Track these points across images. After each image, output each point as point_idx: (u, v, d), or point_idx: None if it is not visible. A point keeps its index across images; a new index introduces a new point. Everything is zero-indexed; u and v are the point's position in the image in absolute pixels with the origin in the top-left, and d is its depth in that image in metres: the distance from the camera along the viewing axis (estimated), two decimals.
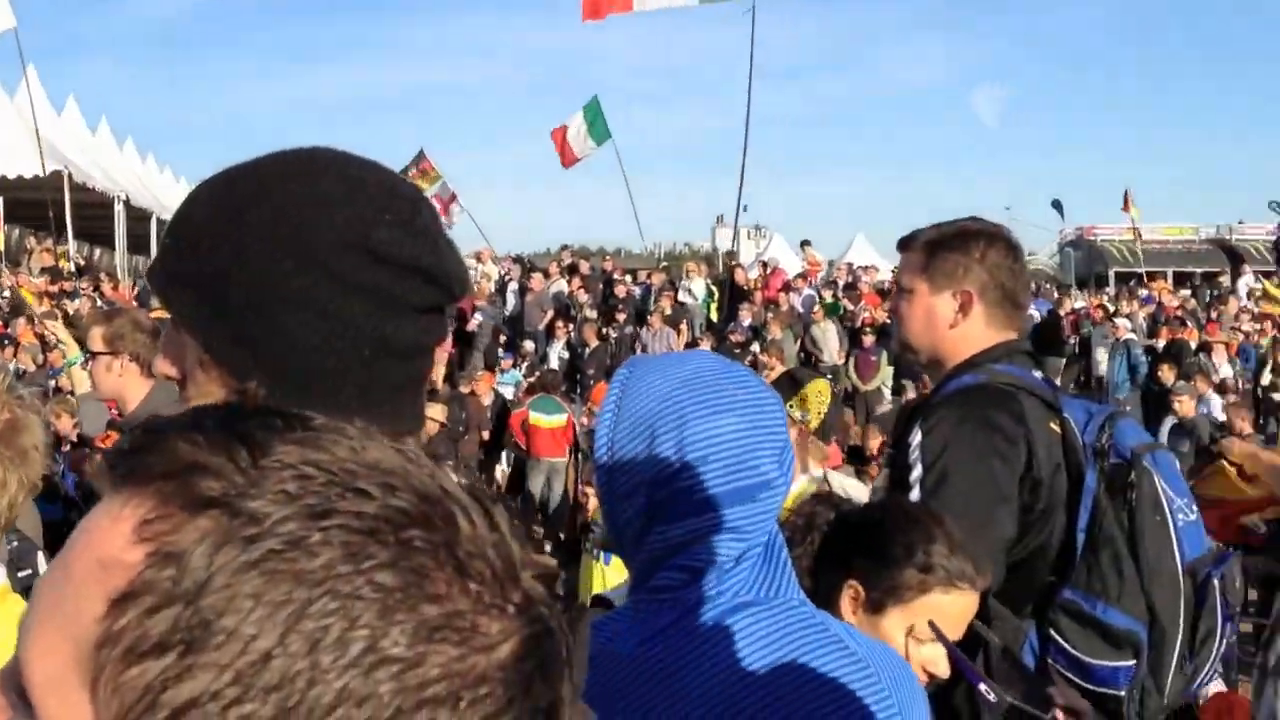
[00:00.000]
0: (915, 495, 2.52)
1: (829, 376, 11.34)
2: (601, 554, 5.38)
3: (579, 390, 16.79)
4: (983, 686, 1.91)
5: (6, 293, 19.17)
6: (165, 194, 28.49)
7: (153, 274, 1.21)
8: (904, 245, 2.87)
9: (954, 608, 1.98)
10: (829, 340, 19.02)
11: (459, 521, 0.61)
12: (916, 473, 2.55)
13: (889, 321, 18.88)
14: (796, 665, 1.52)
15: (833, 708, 1.50)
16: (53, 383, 11.96)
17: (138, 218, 26.51)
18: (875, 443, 9.26)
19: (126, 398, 4.50)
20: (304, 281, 1.12)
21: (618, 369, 1.69)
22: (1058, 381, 16.26)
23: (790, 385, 4.05)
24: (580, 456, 12.24)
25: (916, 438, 2.60)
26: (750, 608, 1.55)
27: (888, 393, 17.85)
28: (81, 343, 5.34)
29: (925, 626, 1.94)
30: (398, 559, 0.58)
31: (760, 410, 1.56)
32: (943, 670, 1.91)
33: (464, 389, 14.43)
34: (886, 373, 17.91)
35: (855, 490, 4.14)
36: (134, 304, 15.49)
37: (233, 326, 1.13)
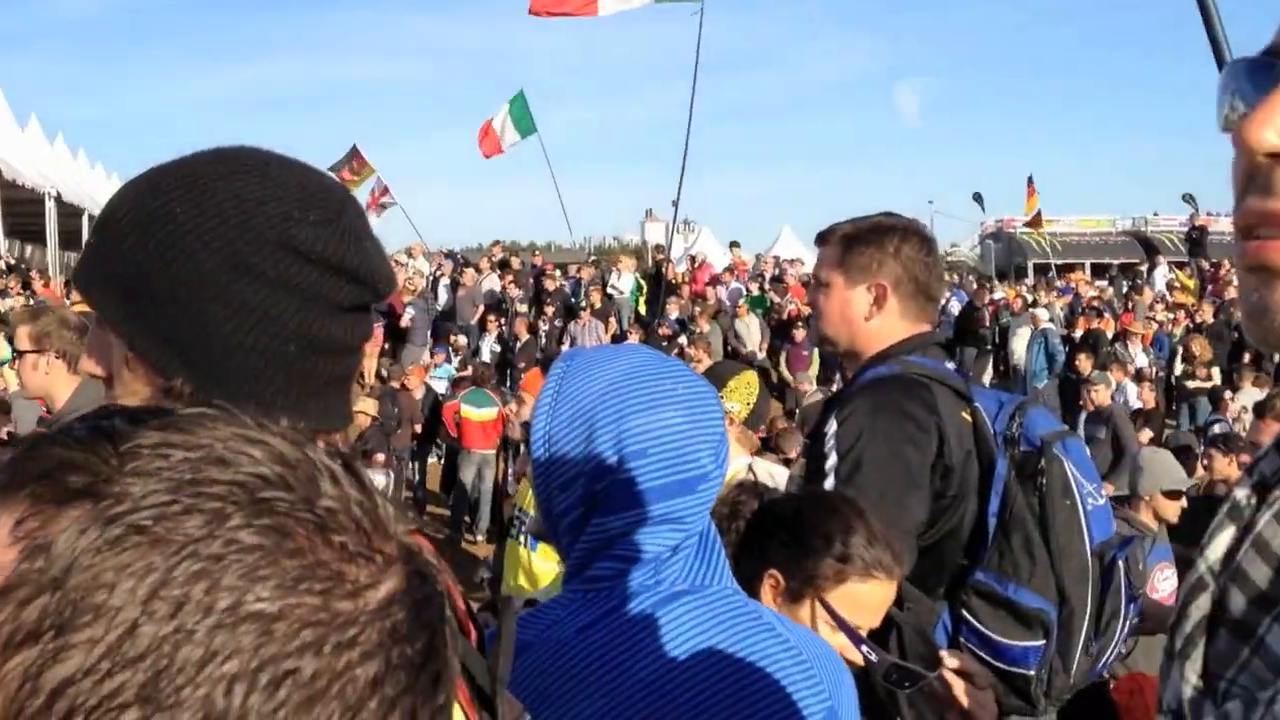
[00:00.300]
0: (830, 483, 2.57)
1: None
2: (527, 541, 5.40)
3: (510, 383, 16.80)
4: (864, 648, 1.96)
5: None
6: (97, 190, 27.78)
7: (78, 273, 1.21)
8: (821, 240, 2.92)
9: (871, 597, 2.00)
10: (751, 334, 19.20)
11: (321, 483, 0.64)
12: (831, 461, 2.60)
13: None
14: (731, 652, 1.55)
15: (766, 693, 1.54)
16: None
17: (69, 214, 25.84)
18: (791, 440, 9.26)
19: (54, 396, 4.46)
20: (229, 280, 1.12)
21: (555, 362, 1.71)
22: (972, 372, 16.57)
23: (719, 377, 4.11)
24: (510, 448, 12.31)
25: (832, 427, 2.65)
26: (685, 596, 1.58)
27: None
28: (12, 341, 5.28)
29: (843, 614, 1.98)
30: (255, 519, 0.60)
31: (699, 404, 1.59)
32: (854, 657, 1.94)
33: (396, 384, 14.39)
34: (816, 366, 18.01)
35: (782, 478, 4.19)
36: (64, 301, 15.14)
37: (158, 325, 1.14)
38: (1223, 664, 0.88)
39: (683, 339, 18.04)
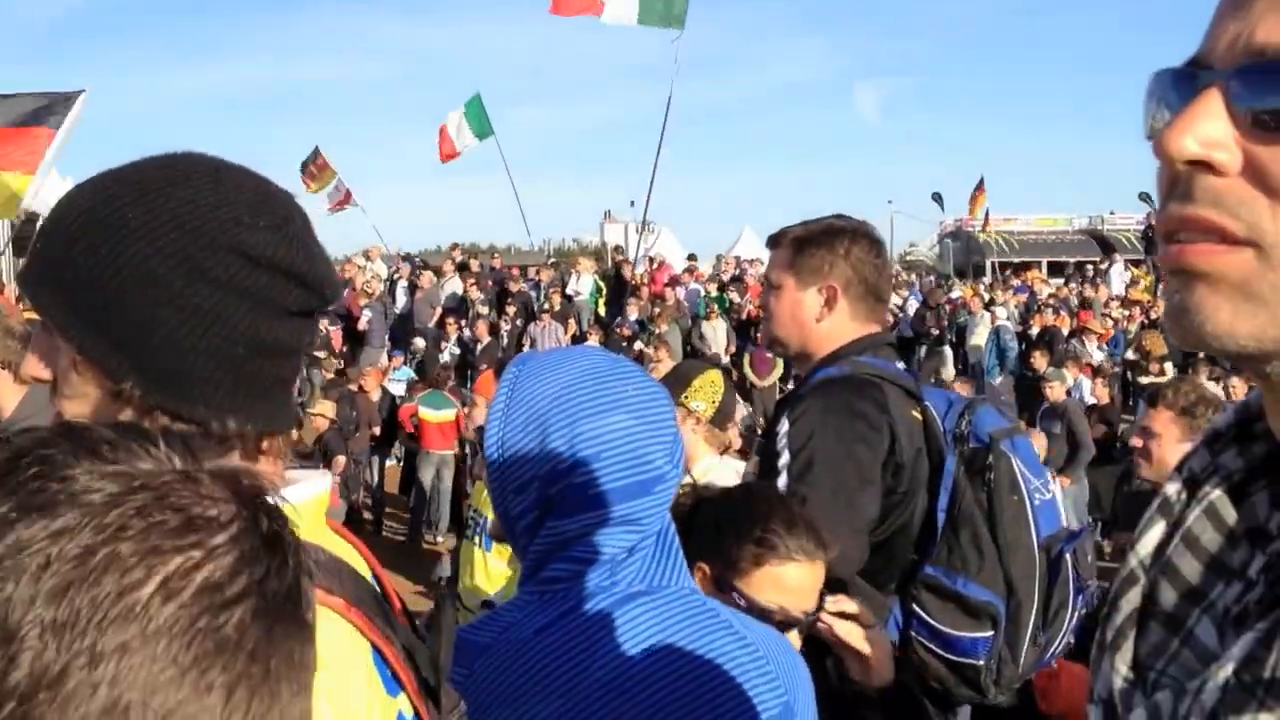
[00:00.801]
0: (783, 481, 2.60)
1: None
2: (482, 542, 5.41)
3: (470, 386, 16.73)
4: (737, 595, 1.98)
5: None
6: (53, 196, 27.39)
7: (24, 277, 1.21)
8: (773, 242, 2.94)
9: (792, 579, 2.01)
10: (718, 337, 19.20)
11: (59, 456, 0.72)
12: (784, 459, 2.63)
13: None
14: (688, 650, 1.57)
15: (723, 690, 1.56)
16: None
17: (23, 220, 25.43)
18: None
19: (2, 405, 4.31)
20: (181, 284, 1.13)
21: (507, 366, 1.73)
22: (923, 370, 16.68)
23: (683, 377, 4.13)
24: (468, 449, 12.30)
25: (784, 426, 2.68)
26: (642, 596, 1.60)
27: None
28: None
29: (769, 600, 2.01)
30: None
31: (650, 406, 1.61)
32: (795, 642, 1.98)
33: (353, 386, 14.31)
34: (781, 367, 18.05)
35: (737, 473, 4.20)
36: (19, 309, 14.85)
37: (108, 329, 1.14)
38: (1153, 655, 0.90)
39: (640, 340, 18.06)
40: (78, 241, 1.15)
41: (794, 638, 1.96)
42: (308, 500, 1.24)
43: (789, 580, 2.01)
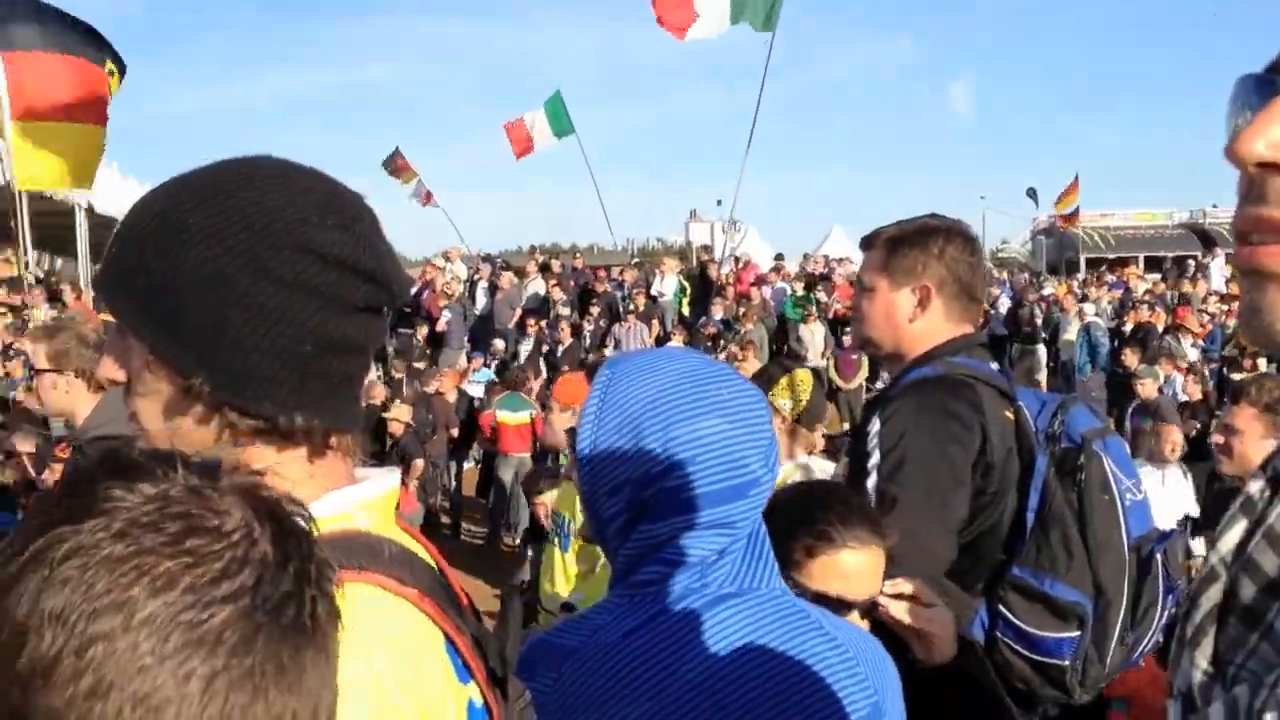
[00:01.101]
0: (872, 480, 2.59)
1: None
2: (560, 543, 5.42)
3: (550, 387, 16.78)
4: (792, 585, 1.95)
5: None
6: (120, 196, 27.75)
7: (100, 281, 1.25)
8: (866, 244, 2.93)
9: (848, 566, 2.02)
10: (815, 340, 18.96)
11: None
12: (874, 459, 2.61)
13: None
14: (778, 651, 1.57)
15: (813, 691, 1.55)
16: (13, 394, 11.70)
17: (100, 225, 25.77)
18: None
19: (75, 413, 4.44)
20: (249, 284, 1.16)
21: (600, 368, 1.73)
22: (1016, 369, 16.39)
23: (772, 376, 4.12)
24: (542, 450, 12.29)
25: (875, 426, 2.66)
26: (732, 598, 1.59)
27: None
28: None
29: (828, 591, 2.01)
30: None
31: (746, 409, 1.60)
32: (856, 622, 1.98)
33: (429, 389, 14.41)
34: (865, 369, 17.83)
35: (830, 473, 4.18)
36: (93, 313, 15.06)
37: (177, 330, 1.17)
38: (1232, 650, 0.91)
39: (725, 340, 18.00)
40: (149, 246, 1.19)
41: (854, 618, 1.97)
42: (377, 496, 1.27)
43: (845, 567, 2.02)
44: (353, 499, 1.24)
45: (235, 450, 1.20)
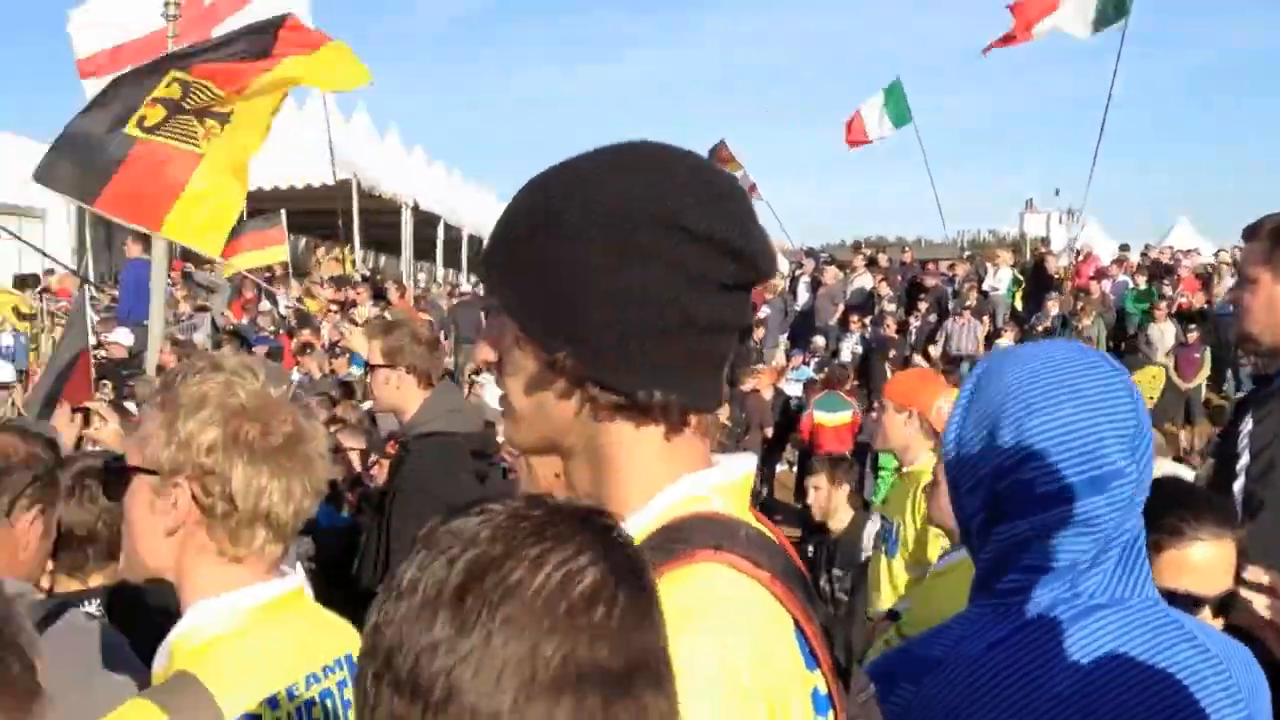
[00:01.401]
0: (1240, 483, 2.54)
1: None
2: (887, 548, 5.18)
3: (869, 387, 16.14)
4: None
5: (294, 303, 18.98)
6: (456, 199, 28.43)
7: (483, 263, 1.32)
8: (1249, 235, 2.88)
9: (1197, 559, 2.00)
10: (1165, 339, 17.99)
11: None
12: (1244, 460, 2.57)
13: (1206, 309, 17.78)
14: (1147, 665, 1.52)
15: (1183, 705, 1.50)
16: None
17: (423, 223, 26.70)
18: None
19: (405, 409, 4.59)
20: (615, 265, 1.19)
21: (978, 361, 1.70)
22: None
23: (1129, 367, 3.77)
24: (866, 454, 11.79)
25: (1247, 426, 2.62)
26: (1104, 610, 1.54)
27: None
28: None
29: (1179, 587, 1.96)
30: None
31: (1107, 397, 1.53)
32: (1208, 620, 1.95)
33: (745, 386, 14.11)
34: (1207, 369, 16.98)
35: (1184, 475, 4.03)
36: (414, 311, 15.56)
37: (543, 307, 1.23)
38: None
39: (1061, 337, 16.92)
40: (521, 232, 1.26)
41: (1206, 616, 1.93)
42: (732, 480, 1.29)
43: (1193, 560, 2.00)
44: (708, 481, 1.26)
45: (594, 425, 1.24)
